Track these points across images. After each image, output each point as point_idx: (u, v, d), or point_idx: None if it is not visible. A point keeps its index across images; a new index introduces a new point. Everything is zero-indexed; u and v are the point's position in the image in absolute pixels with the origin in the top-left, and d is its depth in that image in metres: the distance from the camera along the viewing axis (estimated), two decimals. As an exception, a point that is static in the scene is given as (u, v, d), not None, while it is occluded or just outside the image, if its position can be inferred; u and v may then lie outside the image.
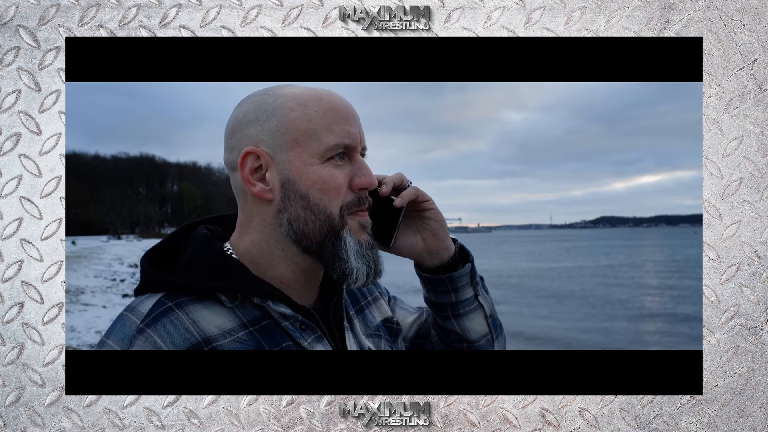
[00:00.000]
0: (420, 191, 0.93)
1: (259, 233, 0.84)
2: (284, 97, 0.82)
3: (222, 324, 0.79)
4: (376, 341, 0.96)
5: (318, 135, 0.80)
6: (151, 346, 0.74)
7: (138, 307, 0.79)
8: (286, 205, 0.81)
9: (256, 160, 0.81)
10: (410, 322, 1.09)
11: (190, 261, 0.83)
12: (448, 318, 0.99)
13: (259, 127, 0.81)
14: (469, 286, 0.97)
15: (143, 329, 0.75)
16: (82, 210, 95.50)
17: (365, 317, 0.98)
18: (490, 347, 1.03)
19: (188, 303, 0.79)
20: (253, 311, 0.81)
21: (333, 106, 0.82)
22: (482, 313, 1.00)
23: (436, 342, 1.06)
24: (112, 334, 0.76)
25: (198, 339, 0.76)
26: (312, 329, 0.83)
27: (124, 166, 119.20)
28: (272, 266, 0.84)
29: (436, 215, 0.94)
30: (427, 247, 0.95)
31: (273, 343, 0.81)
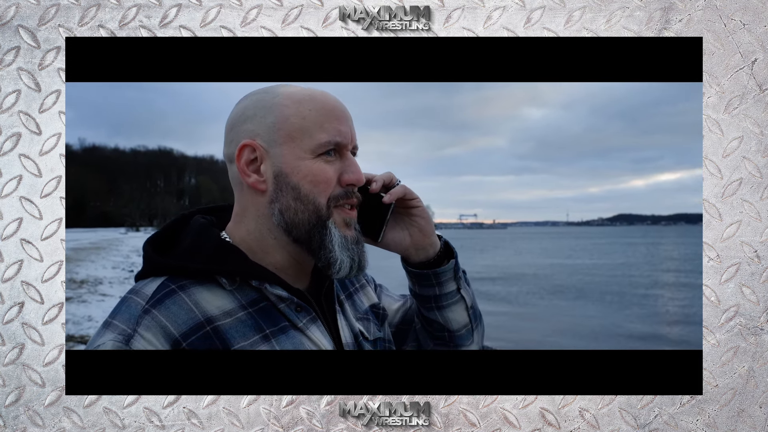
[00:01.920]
0: (408, 189, 0.98)
1: (254, 222, 0.89)
2: (281, 95, 0.87)
3: (222, 305, 0.83)
4: (365, 324, 1.00)
5: (311, 132, 0.86)
6: (157, 326, 0.78)
7: (142, 290, 0.82)
8: (278, 196, 0.86)
9: (252, 153, 0.86)
10: (396, 308, 1.13)
11: (191, 247, 0.87)
12: (431, 309, 1.04)
13: (257, 122, 0.87)
14: (452, 280, 1.02)
15: (149, 309, 0.79)
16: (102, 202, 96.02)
17: (354, 302, 1.03)
18: (469, 336, 1.07)
19: (190, 285, 0.83)
20: (251, 293, 0.86)
21: (326, 106, 0.87)
22: (464, 305, 1.05)
23: (419, 330, 1.11)
24: (118, 315, 0.79)
25: (201, 319, 0.80)
26: (306, 311, 0.88)
27: (142, 160, 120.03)
28: (267, 254, 0.89)
29: (422, 212, 1.00)
30: (414, 242, 1.00)
31: (271, 324, 0.85)
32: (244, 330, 0.82)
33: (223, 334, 0.81)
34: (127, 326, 0.78)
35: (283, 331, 0.85)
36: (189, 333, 0.79)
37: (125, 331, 0.77)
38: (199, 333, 0.79)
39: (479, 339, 1.09)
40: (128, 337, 0.76)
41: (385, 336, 1.05)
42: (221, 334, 0.81)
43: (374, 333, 1.01)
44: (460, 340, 1.06)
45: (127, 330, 0.77)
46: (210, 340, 0.80)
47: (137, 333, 0.77)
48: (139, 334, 0.77)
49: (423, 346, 1.10)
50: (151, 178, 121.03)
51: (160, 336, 0.77)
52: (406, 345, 1.12)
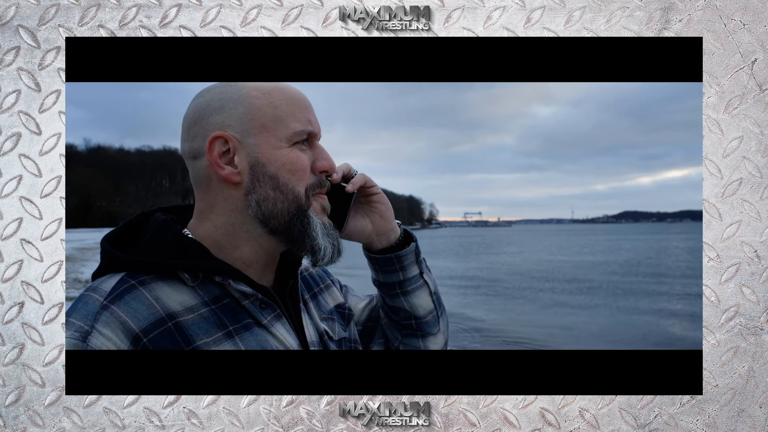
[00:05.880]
0: (367, 177, 1.00)
1: (224, 217, 0.87)
2: (247, 87, 0.87)
3: (184, 301, 0.82)
4: (330, 324, 1.00)
5: (285, 121, 0.86)
6: (116, 321, 0.76)
7: (100, 287, 0.80)
8: (255, 187, 0.85)
9: (224, 145, 0.85)
10: (362, 307, 1.14)
11: (151, 242, 0.86)
12: (396, 296, 1.05)
13: (226, 114, 0.85)
14: (414, 264, 1.04)
15: (107, 305, 0.77)
16: (107, 202, 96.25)
17: (318, 302, 1.03)
18: (435, 323, 1.08)
19: (150, 281, 0.81)
20: (213, 290, 0.84)
21: (295, 96, 0.88)
22: (427, 290, 1.06)
23: (386, 324, 1.11)
24: (74, 312, 0.77)
25: (162, 314, 0.79)
26: (271, 307, 0.87)
27: (147, 160, 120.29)
28: (235, 248, 0.87)
29: (382, 198, 1.02)
30: (376, 228, 1.02)
31: (234, 321, 0.84)
32: (207, 327, 0.81)
33: (185, 330, 0.79)
34: (84, 323, 0.75)
35: (246, 328, 0.84)
36: (150, 329, 0.77)
37: (82, 328, 0.75)
38: (160, 329, 0.77)
39: (445, 329, 1.10)
40: (85, 334, 0.74)
41: (351, 336, 1.05)
42: (183, 331, 0.79)
43: (339, 333, 1.01)
44: (427, 327, 1.07)
45: (84, 327, 0.75)
46: (172, 337, 0.78)
47: (95, 329, 0.74)
48: (97, 330, 0.74)
49: (391, 341, 1.10)
50: (156, 178, 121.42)
51: (119, 332, 0.75)
52: (373, 342, 1.12)
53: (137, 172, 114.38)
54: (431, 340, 1.08)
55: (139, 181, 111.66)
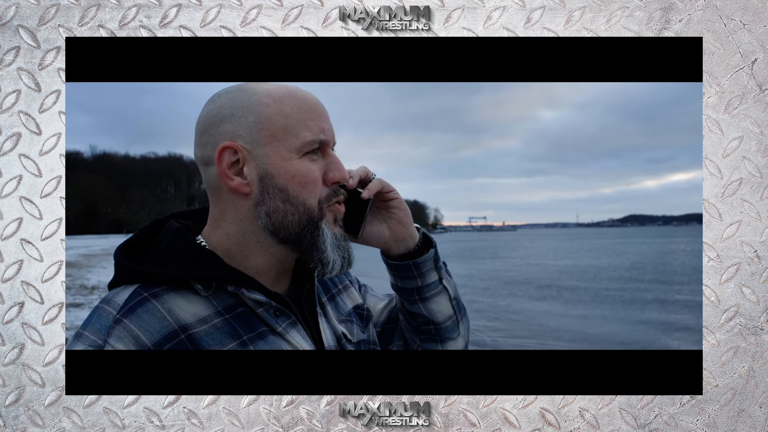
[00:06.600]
0: (385, 182, 0.97)
1: (235, 226, 0.86)
2: (259, 93, 0.84)
3: (197, 312, 0.80)
4: (348, 326, 0.98)
5: (295, 131, 0.83)
6: (128, 336, 0.75)
7: (114, 299, 0.80)
8: (264, 198, 0.83)
9: (234, 155, 0.83)
10: (381, 308, 1.12)
11: (164, 252, 0.85)
12: (415, 302, 1.03)
13: (236, 122, 0.83)
14: (433, 270, 1.01)
15: (120, 319, 0.76)
16: (113, 209, 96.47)
17: (337, 304, 1.01)
18: (455, 328, 1.06)
19: (163, 293, 0.80)
20: (227, 299, 0.83)
21: (307, 103, 0.85)
22: (447, 296, 1.04)
23: (404, 326, 1.09)
24: (89, 326, 0.77)
25: (174, 327, 0.78)
26: (286, 315, 0.86)
27: (153, 166, 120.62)
28: (247, 257, 0.86)
29: (400, 204, 0.99)
30: (394, 234, 0.99)
31: (249, 330, 0.82)
32: (221, 337, 0.80)
33: (198, 341, 0.78)
34: (97, 337, 0.75)
35: (261, 336, 0.83)
36: (162, 342, 0.76)
37: (96, 342, 0.75)
38: (173, 341, 0.77)
39: (465, 332, 1.09)
40: (99, 348, 0.74)
41: (369, 337, 1.03)
42: (196, 342, 0.78)
43: (357, 335, 0.99)
44: (447, 332, 1.05)
45: (97, 341, 0.75)
46: (185, 349, 0.77)
47: (108, 344, 0.74)
48: (110, 344, 0.74)
49: (410, 344, 1.09)
50: (162, 185, 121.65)
51: (131, 346, 0.75)
52: (392, 344, 1.10)
53: (142, 178, 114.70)
54: (450, 344, 1.07)
55: (144, 187, 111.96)
